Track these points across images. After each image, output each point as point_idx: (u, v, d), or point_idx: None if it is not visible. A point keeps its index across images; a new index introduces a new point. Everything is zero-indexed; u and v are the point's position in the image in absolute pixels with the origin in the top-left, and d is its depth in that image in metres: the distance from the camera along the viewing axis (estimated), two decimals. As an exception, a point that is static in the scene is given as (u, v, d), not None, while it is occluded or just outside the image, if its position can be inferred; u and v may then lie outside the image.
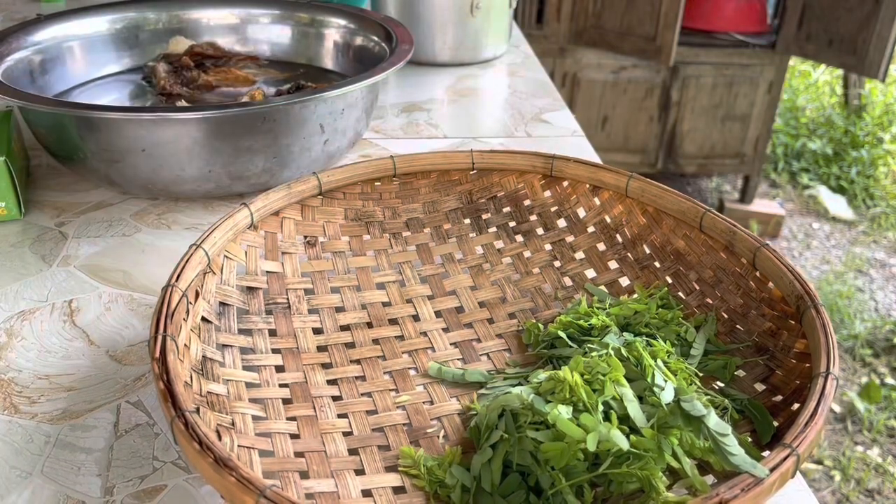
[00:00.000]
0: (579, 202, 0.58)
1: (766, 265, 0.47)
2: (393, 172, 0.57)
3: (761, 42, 2.47)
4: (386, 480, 0.39)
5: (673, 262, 0.53)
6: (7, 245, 0.60)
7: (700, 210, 0.51)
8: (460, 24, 1.02)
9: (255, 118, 0.61)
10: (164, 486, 0.40)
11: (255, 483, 0.31)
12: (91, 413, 0.44)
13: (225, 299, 0.48)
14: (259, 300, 0.50)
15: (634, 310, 0.48)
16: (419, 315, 0.52)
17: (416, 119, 0.87)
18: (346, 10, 0.87)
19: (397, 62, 0.70)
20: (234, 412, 0.41)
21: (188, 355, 0.42)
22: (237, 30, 0.90)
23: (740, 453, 0.35)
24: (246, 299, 0.49)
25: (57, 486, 0.39)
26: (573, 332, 0.47)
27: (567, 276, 0.55)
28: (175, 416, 0.34)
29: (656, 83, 2.50)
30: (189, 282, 0.43)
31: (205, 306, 0.45)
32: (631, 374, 0.39)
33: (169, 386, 0.36)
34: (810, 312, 0.42)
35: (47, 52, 0.77)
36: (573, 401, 0.37)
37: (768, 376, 0.44)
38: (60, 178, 0.71)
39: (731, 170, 2.70)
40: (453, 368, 0.47)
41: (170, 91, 0.79)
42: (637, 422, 0.36)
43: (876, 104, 3.42)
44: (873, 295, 2.35)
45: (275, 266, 0.52)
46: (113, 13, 0.84)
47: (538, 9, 2.39)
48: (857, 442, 1.78)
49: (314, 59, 0.89)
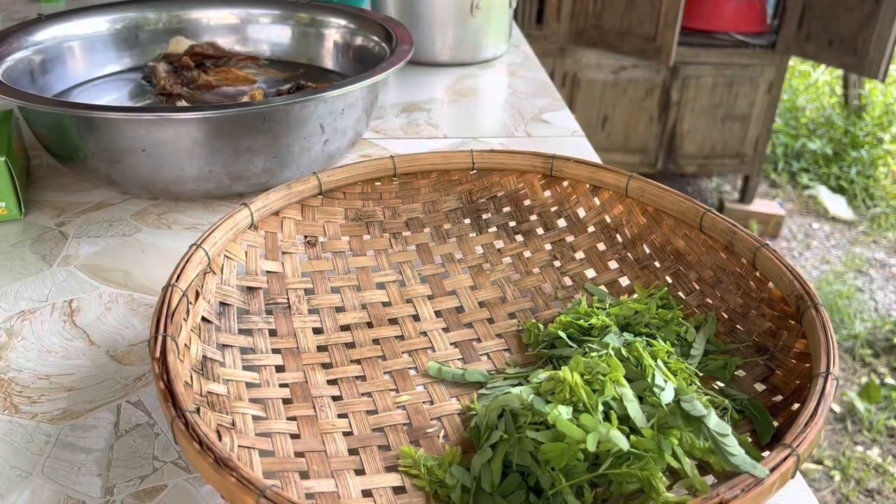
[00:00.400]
0: (579, 202, 0.58)
1: (766, 265, 0.47)
2: (393, 172, 0.57)
3: (761, 42, 2.47)
4: (386, 480, 0.39)
5: (673, 261, 0.53)
6: (7, 245, 0.61)
7: (700, 210, 0.51)
8: (460, 24, 1.02)
9: (255, 118, 0.61)
10: (165, 485, 0.40)
11: (255, 483, 0.31)
12: (91, 413, 0.44)
13: (225, 299, 0.48)
14: (259, 300, 0.50)
15: (634, 310, 0.48)
16: (419, 315, 0.52)
17: (416, 119, 0.87)
18: (346, 10, 0.87)
19: (397, 62, 0.70)
20: (235, 412, 0.41)
21: (188, 355, 0.42)
22: (237, 30, 0.90)
23: (740, 453, 0.35)
24: (246, 299, 0.49)
25: (57, 486, 0.39)
26: (573, 331, 0.47)
27: (567, 276, 0.55)
28: (175, 416, 0.34)
29: (656, 83, 2.50)
30: (189, 282, 0.43)
31: (205, 306, 0.46)
32: (631, 374, 0.39)
33: (169, 386, 0.36)
34: (810, 312, 0.42)
35: (47, 51, 0.77)
36: (573, 401, 0.37)
37: (768, 376, 0.44)
38: (60, 178, 0.71)
39: (731, 170, 2.70)
40: (453, 368, 0.47)
41: (170, 91, 0.79)
42: (637, 422, 0.36)
43: (876, 104, 3.42)
44: (873, 295, 2.35)
45: (275, 266, 0.52)
46: (113, 13, 0.84)
47: (538, 9, 2.40)
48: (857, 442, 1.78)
49: (314, 59, 0.89)
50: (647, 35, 2.28)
